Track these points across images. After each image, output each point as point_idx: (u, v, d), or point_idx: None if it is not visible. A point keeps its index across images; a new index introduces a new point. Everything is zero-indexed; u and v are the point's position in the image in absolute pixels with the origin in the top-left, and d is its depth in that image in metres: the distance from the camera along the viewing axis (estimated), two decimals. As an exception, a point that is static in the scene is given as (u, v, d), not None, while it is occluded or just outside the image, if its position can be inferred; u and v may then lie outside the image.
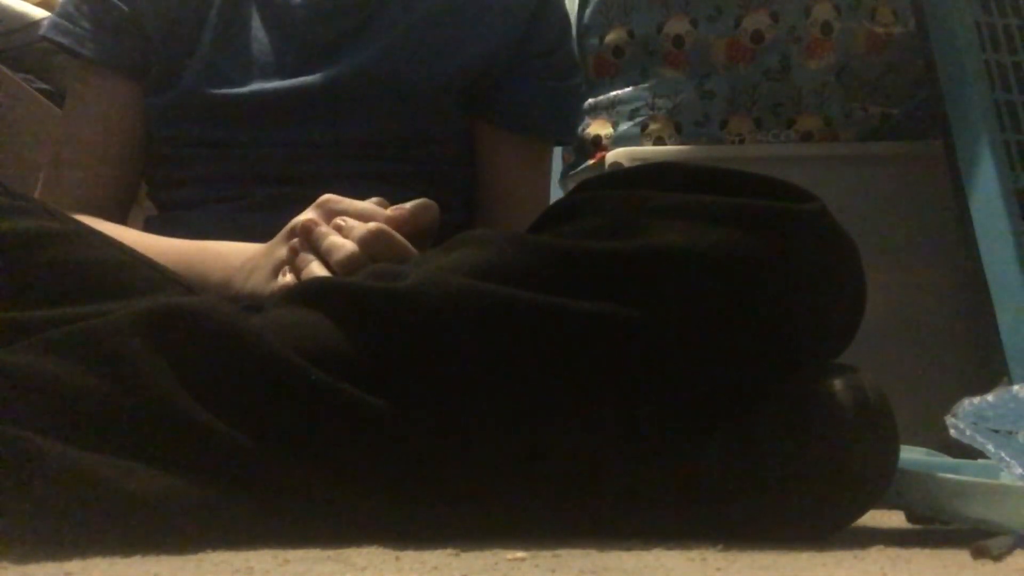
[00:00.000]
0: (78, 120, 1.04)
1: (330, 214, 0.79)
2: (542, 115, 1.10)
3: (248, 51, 1.01)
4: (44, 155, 1.11)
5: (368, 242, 0.75)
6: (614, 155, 1.46)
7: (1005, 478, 0.70)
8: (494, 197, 1.09)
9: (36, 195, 1.01)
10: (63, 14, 1.04)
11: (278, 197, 0.93)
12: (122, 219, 1.04)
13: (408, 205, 0.79)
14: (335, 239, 0.76)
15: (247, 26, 1.03)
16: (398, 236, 0.77)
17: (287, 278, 0.78)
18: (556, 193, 1.39)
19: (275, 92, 0.99)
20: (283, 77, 1.00)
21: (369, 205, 0.80)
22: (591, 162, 1.57)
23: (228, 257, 0.86)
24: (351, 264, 0.75)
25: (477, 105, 1.07)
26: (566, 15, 1.16)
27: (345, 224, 0.78)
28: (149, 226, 1.02)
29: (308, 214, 0.80)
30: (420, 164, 1.01)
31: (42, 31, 1.06)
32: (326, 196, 0.81)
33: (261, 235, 0.85)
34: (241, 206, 0.97)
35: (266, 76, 1.00)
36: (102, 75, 1.03)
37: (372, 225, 0.76)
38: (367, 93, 1.00)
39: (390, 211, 0.79)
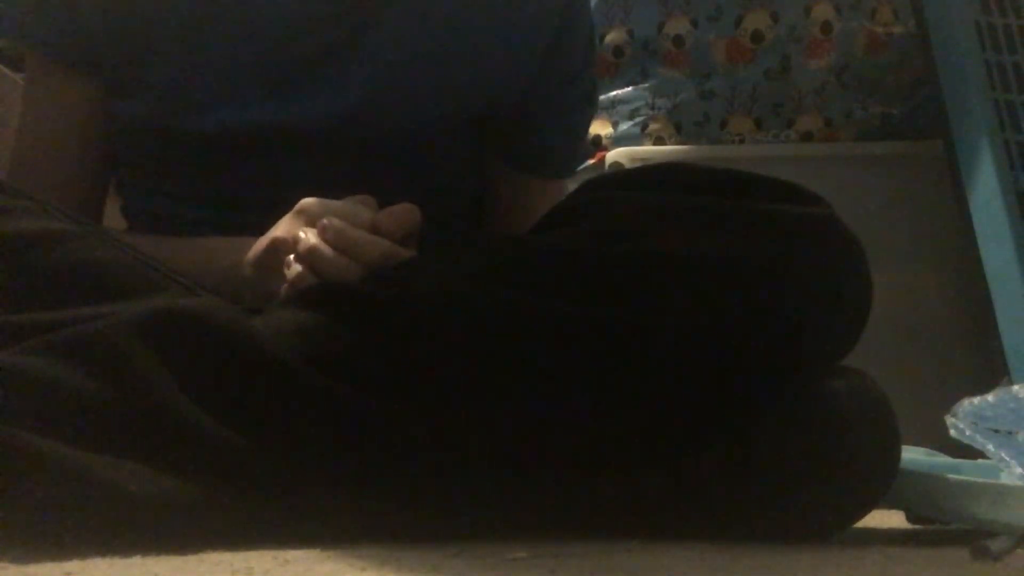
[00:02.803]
0: (33, 119, 0.94)
1: (313, 222, 0.72)
2: (561, 157, 1.00)
3: (217, 64, 0.85)
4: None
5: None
6: (614, 155, 1.46)
7: (1005, 478, 0.70)
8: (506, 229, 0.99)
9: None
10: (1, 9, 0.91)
11: (260, 226, 0.81)
12: (95, 218, 0.93)
13: (393, 211, 0.73)
14: (340, 264, 0.69)
15: (216, 32, 0.85)
16: (399, 250, 0.71)
17: (294, 268, 0.71)
18: (556, 193, 1.39)
19: (252, 126, 0.85)
20: (262, 100, 0.86)
21: (351, 206, 0.73)
22: (591, 162, 1.57)
23: (230, 251, 0.82)
24: None
25: (489, 140, 0.95)
26: (591, 22, 0.99)
27: (346, 238, 0.70)
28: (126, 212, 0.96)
29: (291, 225, 0.74)
30: (422, 182, 0.91)
31: None
32: (305, 202, 0.74)
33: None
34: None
35: (240, 99, 0.86)
36: (49, 69, 0.91)
37: (383, 246, 0.70)
38: (357, 135, 0.87)
39: (380, 223, 0.72)
